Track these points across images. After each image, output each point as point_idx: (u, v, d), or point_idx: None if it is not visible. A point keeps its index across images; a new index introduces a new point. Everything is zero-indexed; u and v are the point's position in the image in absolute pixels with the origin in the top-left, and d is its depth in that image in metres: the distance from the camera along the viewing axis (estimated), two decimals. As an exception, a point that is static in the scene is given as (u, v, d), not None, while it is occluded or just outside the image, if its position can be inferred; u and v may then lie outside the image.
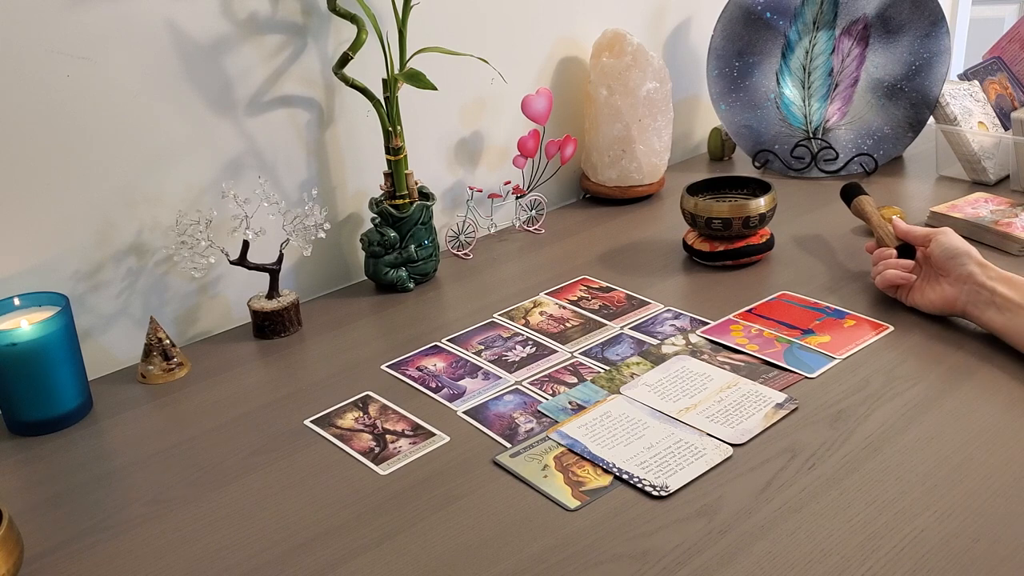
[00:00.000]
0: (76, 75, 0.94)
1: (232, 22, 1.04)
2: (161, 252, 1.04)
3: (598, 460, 0.78)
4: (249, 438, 0.87)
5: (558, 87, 1.40)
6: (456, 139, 1.30)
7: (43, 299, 0.92)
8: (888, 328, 0.97)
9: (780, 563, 0.65)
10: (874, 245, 1.06)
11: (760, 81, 1.48)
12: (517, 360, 0.97)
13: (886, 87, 1.44)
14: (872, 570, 0.64)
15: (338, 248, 1.21)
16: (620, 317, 1.05)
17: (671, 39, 1.56)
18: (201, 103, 1.04)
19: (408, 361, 0.99)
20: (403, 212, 1.12)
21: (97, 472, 0.84)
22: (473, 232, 1.29)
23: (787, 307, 1.03)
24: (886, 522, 0.69)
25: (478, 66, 1.20)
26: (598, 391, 0.90)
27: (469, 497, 0.76)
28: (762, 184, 1.17)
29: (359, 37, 1.06)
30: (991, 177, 1.35)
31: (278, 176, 1.12)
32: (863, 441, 0.79)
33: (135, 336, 1.04)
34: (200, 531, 0.74)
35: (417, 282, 1.17)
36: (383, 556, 0.70)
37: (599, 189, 1.42)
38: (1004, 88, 1.48)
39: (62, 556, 0.72)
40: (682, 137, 1.63)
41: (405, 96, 1.12)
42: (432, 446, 0.83)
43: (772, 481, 0.74)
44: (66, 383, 0.90)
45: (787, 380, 0.89)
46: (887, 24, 1.43)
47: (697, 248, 1.16)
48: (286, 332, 1.07)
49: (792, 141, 1.47)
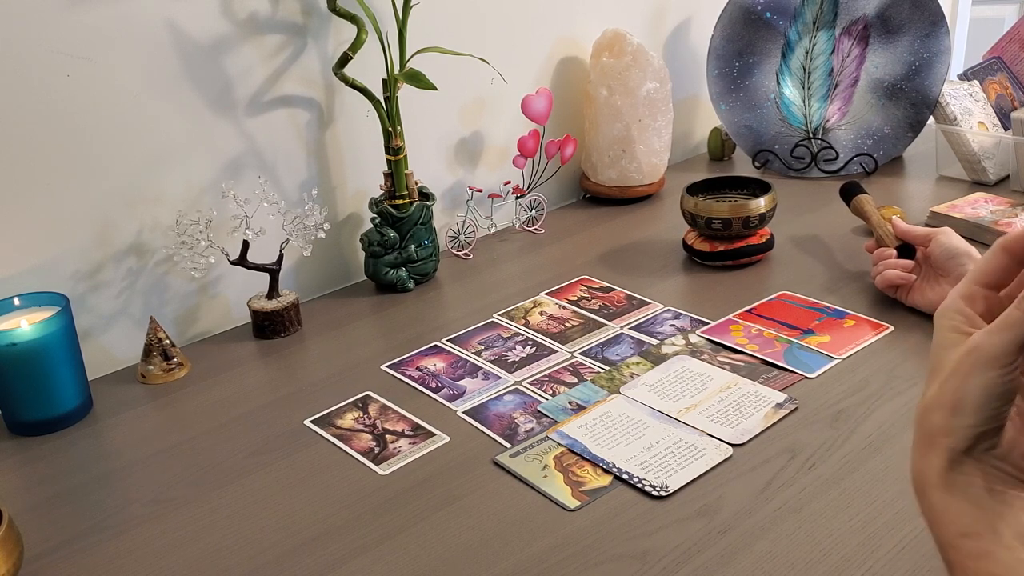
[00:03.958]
0: (76, 75, 0.94)
1: (232, 22, 1.04)
2: (161, 252, 1.04)
3: (598, 460, 0.78)
4: (249, 438, 0.87)
5: (558, 87, 1.40)
6: (456, 139, 1.30)
7: (43, 299, 0.92)
8: (888, 328, 0.97)
9: (780, 563, 0.66)
10: (874, 245, 1.06)
11: (760, 81, 1.48)
12: (517, 360, 0.97)
13: (886, 87, 1.44)
14: (872, 570, 0.64)
15: (338, 248, 1.21)
16: (620, 317, 1.05)
17: (671, 39, 1.56)
18: (201, 103, 1.04)
19: (408, 361, 0.99)
20: (403, 212, 1.12)
21: (97, 472, 0.84)
22: (473, 232, 1.29)
23: (787, 307, 1.03)
24: (886, 522, 0.69)
25: (478, 66, 1.20)
26: (598, 391, 0.90)
27: (469, 497, 0.76)
28: (762, 184, 1.17)
29: (359, 37, 1.06)
30: (991, 177, 1.35)
31: (278, 176, 1.12)
32: (863, 441, 0.79)
33: (135, 336, 1.04)
34: (200, 531, 0.74)
35: (417, 282, 1.17)
36: (383, 556, 0.70)
37: (599, 189, 1.42)
38: (1004, 88, 1.48)
39: (62, 556, 0.73)
40: (682, 137, 1.63)
41: (405, 96, 1.12)
42: (432, 446, 0.83)
43: (772, 481, 0.74)
44: (66, 383, 0.90)
45: (787, 380, 0.89)
46: (887, 24, 1.43)
47: (697, 248, 1.16)
48: (286, 332, 1.07)
49: (792, 141, 1.47)
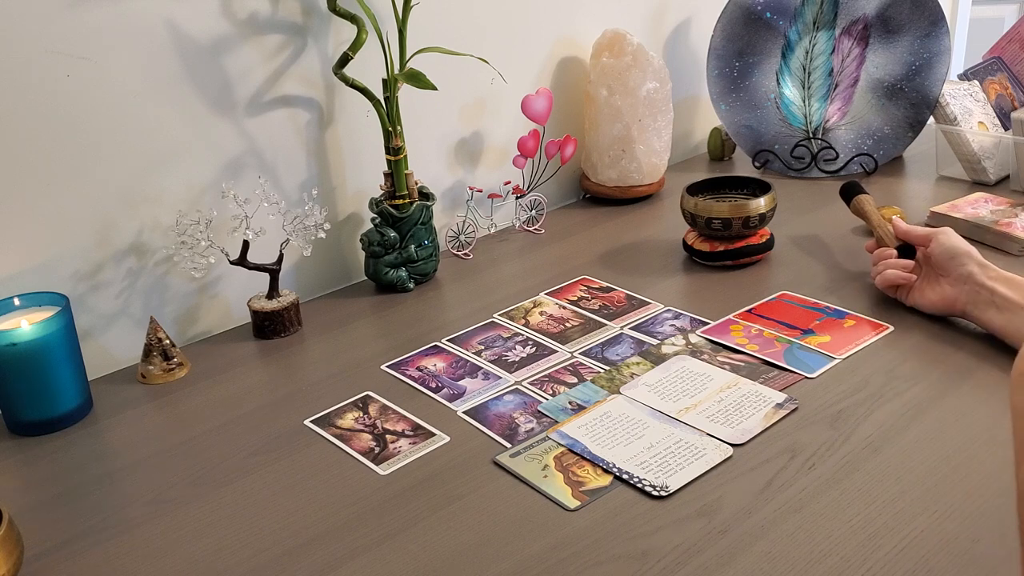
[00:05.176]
0: (76, 75, 0.94)
1: (232, 22, 1.04)
2: (161, 252, 1.04)
3: (598, 460, 0.78)
4: (249, 438, 0.87)
5: (558, 87, 1.40)
6: (456, 139, 1.30)
7: (43, 299, 0.92)
8: (888, 328, 0.97)
9: (780, 563, 0.66)
10: (874, 245, 1.06)
11: (760, 81, 1.48)
12: (517, 360, 0.97)
13: (886, 87, 1.44)
14: (872, 570, 0.64)
15: (338, 248, 1.21)
16: (620, 317, 1.05)
17: (671, 39, 1.56)
18: (201, 103, 1.04)
19: (408, 361, 0.99)
20: (403, 212, 1.12)
21: (97, 472, 0.84)
22: (473, 232, 1.29)
23: (787, 307, 1.03)
24: (886, 522, 0.69)
25: (478, 66, 1.20)
26: (598, 391, 0.90)
27: (469, 497, 0.76)
28: (762, 184, 1.17)
29: (359, 37, 1.06)
30: (991, 177, 1.35)
31: (278, 176, 1.12)
32: (863, 441, 0.79)
33: (135, 336, 1.04)
34: (200, 531, 0.74)
35: (417, 282, 1.17)
36: (383, 556, 0.70)
37: (599, 189, 1.42)
38: (1004, 88, 1.48)
39: (62, 556, 0.72)
40: (682, 137, 1.63)
41: (405, 96, 1.12)
42: (432, 446, 0.83)
43: (772, 481, 0.74)
44: (66, 383, 0.90)
45: (787, 380, 0.89)
46: (887, 24, 1.43)
47: (697, 248, 1.16)
48: (286, 332, 1.07)
49: (792, 141, 1.47)
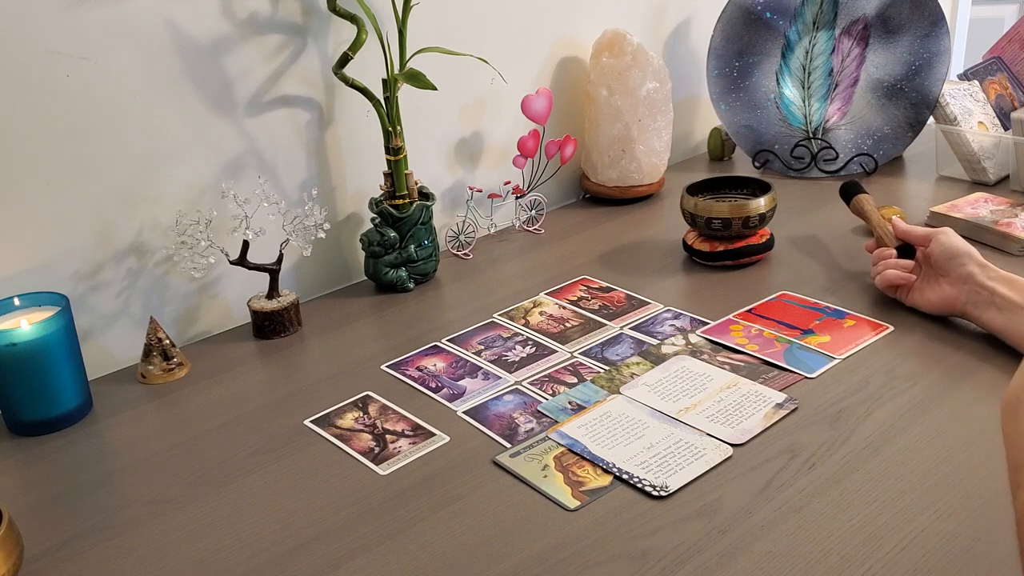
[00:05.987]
0: (76, 75, 0.94)
1: (232, 22, 1.04)
2: (161, 252, 1.04)
3: (598, 460, 0.78)
4: (249, 438, 0.87)
5: (558, 87, 1.40)
6: (456, 139, 1.30)
7: (43, 299, 0.92)
8: (888, 328, 0.97)
9: (780, 563, 0.66)
10: (874, 244, 1.06)
11: (760, 81, 1.48)
12: (517, 360, 0.97)
13: (886, 87, 1.44)
14: (872, 570, 0.64)
15: (338, 248, 1.21)
16: (620, 317, 1.05)
17: (671, 39, 1.56)
18: (201, 103, 1.04)
19: (408, 361, 0.99)
20: (403, 212, 1.12)
21: (97, 472, 0.84)
22: (473, 232, 1.29)
23: (787, 307, 1.03)
24: (886, 522, 0.69)
25: (478, 66, 1.20)
26: (598, 391, 0.90)
27: (469, 497, 0.76)
28: (762, 184, 1.17)
29: (359, 37, 1.06)
30: (991, 177, 1.35)
31: (278, 176, 1.12)
32: (863, 441, 0.79)
33: (135, 336, 1.04)
34: (200, 531, 0.74)
35: (417, 282, 1.17)
36: (383, 556, 0.70)
37: (599, 189, 1.42)
38: (1004, 88, 1.48)
39: (62, 556, 0.72)
40: (682, 137, 1.63)
41: (405, 96, 1.12)
42: (432, 446, 0.83)
43: (772, 481, 0.74)
44: (66, 383, 0.90)
45: (787, 380, 0.89)
46: (887, 24, 1.43)
47: (697, 248, 1.16)
48: (286, 332, 1.07)
49: (792, 141, 1.47)
